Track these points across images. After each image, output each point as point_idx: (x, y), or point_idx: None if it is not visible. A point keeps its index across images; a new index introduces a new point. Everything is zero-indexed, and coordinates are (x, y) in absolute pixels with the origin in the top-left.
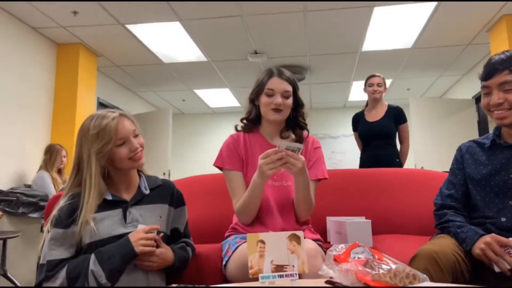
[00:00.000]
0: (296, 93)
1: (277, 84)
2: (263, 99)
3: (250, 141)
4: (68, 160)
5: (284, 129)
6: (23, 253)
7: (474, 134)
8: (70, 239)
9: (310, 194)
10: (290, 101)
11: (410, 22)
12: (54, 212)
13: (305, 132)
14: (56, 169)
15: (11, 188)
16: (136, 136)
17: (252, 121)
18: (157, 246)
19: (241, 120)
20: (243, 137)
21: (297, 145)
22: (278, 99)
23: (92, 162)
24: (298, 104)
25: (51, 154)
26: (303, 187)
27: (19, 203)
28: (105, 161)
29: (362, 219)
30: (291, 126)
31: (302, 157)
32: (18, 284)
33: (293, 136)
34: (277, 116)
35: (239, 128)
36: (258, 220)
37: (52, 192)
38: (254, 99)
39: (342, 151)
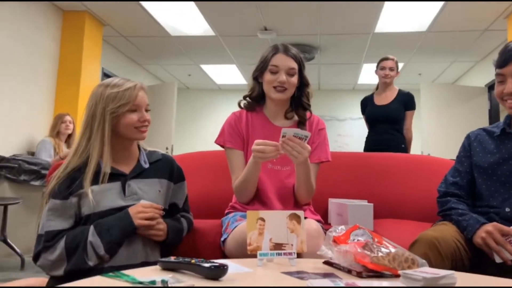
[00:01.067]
0: (302, 71)
1: (282, 60)
2: (267, 76)
3: (252, 120)
4: (76, 128)
5: (289, 110)
6: (24, 220)
7: (485, 123)
8: (68, 210)
9: (311, 179)
10: (295, 79)
11: (427, 4)
12: (53, 182)
13: (307, 113)
14: (60, 135)
15: (13, 155)
16: (147, 110)
17: (255, 99)
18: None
19: (244, 98)
20: (246, 115)
21: (305, 133)
22: (282, 77)
23: (106, 120)
24: (303, 83)
25: (54, 119)
26: (304, 173)
27: (21, 170)
28: (114, 124)
29: (364, 202)
30: (294, 106)
31: (309, 147)
32: (18, 251)
33: (296, 118)
34: (280, 95)
35: (242, 105)
36: (258, 200)
37: (45, 159)
38: (257, 76)
39: (349, 134)
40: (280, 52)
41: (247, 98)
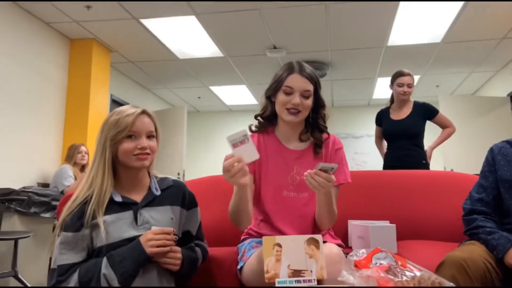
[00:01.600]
0: (318, 92)
1: (297, 81)
2: (280, 97)
3: (264, 142)
4: (89, 159)
5: (303, 132)
6: (34, 254)
7: (509, 134)
8: (80, 242)
9: (333, 206)
10: (309, 101)
11: (440, 14)
12: (64, 214)
13: (324, 135)
14: (78, 165)
15: (23, 187)
16: (150, 137)
17: (267, 119)
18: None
19: (255, 117)
20: (258, 138)
21: (331, 165)
22: (296, 99)
23: (106, 147)
24: (319, 104)
25: (70, 149)
26: (326, 202)
27: (31, 202)
28: (115, 152)
29: (386, 223)
30: (310, 128)
31: (334, 178)
32: (28, 285)
33: (310, 140)
34: (293, 117)
35: (253, 128)
36: (273, 226)
37: (65, 184)
38: (270, 96)
39: (366, 152)
40: (295, 72)
41: (259, 118)
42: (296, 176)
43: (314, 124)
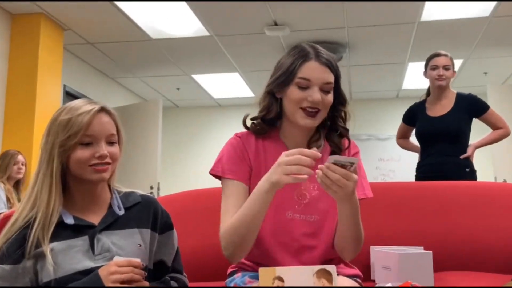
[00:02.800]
0: (339, 84)
1: (315, 71)
2: (294, 92)
3: (264, 148)
4: (28, 172)
5: (315, 136)
6: None
7: None
8: (21, 277)
9: (361, 226)
10: (331, 96)
11: None
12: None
13: (345, 141)
14: (12, 179)
15: None
16: (111, 143)
17: (271, 122)
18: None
19: (253, 120)
20: (255, 141)
21: (350, 159)
22: (316, 95)
23: (54, 156)
24: (339, 100)
25: (2, 159)
26: (353, 219)
27: None
28: (65, 161)
29: (419, 249)
30: (327, 131)
31: (355, 176)
32: None
33: (323, 144)
34: (311, 121)
35: (248, 124)
36: (270, 257)
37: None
38: (275, 91)
39: (394, 158)
40: (312, 59)
41: (258, 121)
42: (305, 192)
43: (332, 126)
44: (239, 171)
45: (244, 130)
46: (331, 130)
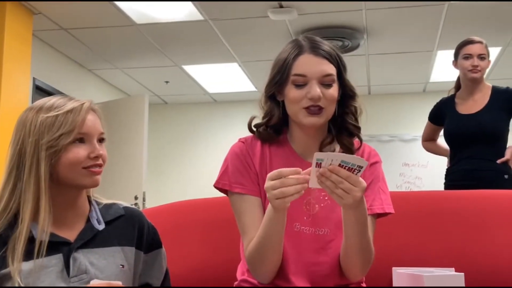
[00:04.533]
0: (343, 76)
1: (310, 65)
2: (290, 91)
3: (271, 153)
4: None
5: (327, 138)
6: None
7: None
8: None
9: (369, 239)
10: (333, 90)
11: None
12: None
13: (356, 141)
14: None
15: None
16: (100, 141)
17: (275, 128)
18: None
19: (257, 128)
20: (261, 146)
21: (359, 160)
22: (315, 90)
23: (41, 159)
24: (346, 94)
25: None
26: (359, 229)
27: None
28: (53, 164)
29: (450, 271)
30: (336, 131)
31: (363, 181)
32: None
33: (337, 148)
34: (315, 119)
35: (254, 129)
36: (281, 276)
37: None
38: (274, 93)
39: (422, 163)
40: (305, 52)
41: (262, 128)
42: (313, 202)
43: (341, 123)
44: (247, 183)
45: (245, 132)
46: (341, 129)
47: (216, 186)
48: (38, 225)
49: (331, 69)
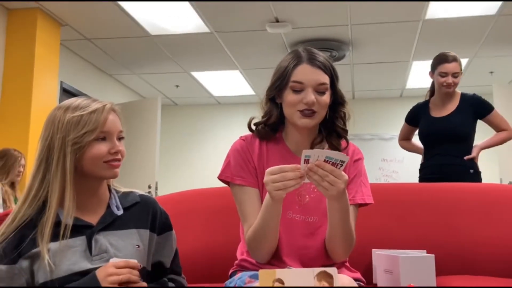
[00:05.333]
0: (335, 85)
1: (307, 73)
2: (288, 96)
3: (268, 152)
4: (25, 172)
5: (317, 138)
6: None
7: None
8: (17, 278)
9: (350, 225)
10: (326, 97)
11: None
12: None
13: (343, 142)
14: (9, 181)
15: None
16: (120, 139)
17: (273, 127)
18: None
19: (257, 126)
20: (259, 144)
21: (341, 156)
22: (310, 96)
23: (67, 153)
24: (337, 101)
25: (6, 160)
26: (341, 216)
27: None
28: (78, 158)
29: (422, 253)
30: (326, 132)
31: (345, 175)
32: None
33: (326, 147)
34: (308, 120)
35: (253, 128)
36: (276, 257)
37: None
38: (274, 96)
39: (398, 159)
40: (304, 62)
41: (261, 126)
42: (304, 193)
43: (331, 126)
44: (247, 176)
45: (245, 130)
46: (330, 131)
47: (220, 178)
48: (64, 211)
49: (325, 79)
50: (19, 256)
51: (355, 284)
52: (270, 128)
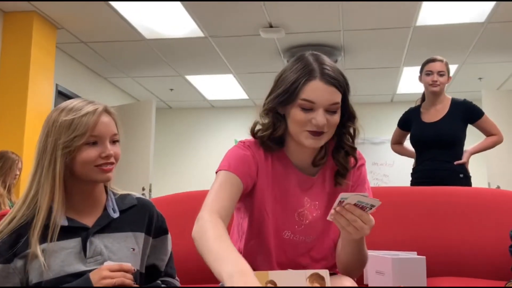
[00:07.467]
0: (347, 100)
1: (320, 92)
2: (296, 113)
3: (273, 165)
4: (21, 176)
5: (320, 155)
6: None
7: None
8: (11, 277)
9: (365, 250)
10: (337, 116)
11: None
12: None
13: (352, 160)
14: (5, 185)
15: None
16: (113, 142)
17: (277, 141)
18: None
19: (261, 139)
20: (264, 156)
21: (374, 201)
22: (321, 118)
23: (57, 157)
24: (347, 116)
25: (3, 163)
26: (357, 249)
27: None
28: (68, 161)
29: (412, 254)
30: (334, 149)
31: (372, 220)
32: None
33: (325, 161)
34: (315, 142)
35: (255, 135)
36: (271, 265)
37: None
38: (276, 107)
39: (389, 163)
40: (316, 78)
41: (266, 138)
42: (307, 213)
43: (339, 143)
44: (243, 172)
45: (238, 134)
46: (338, 148)
47: (219, 170)
48: (53, 213)
49: (338, 97)
50: (14, 255)
51: (356, 285)
52: (275, 142)
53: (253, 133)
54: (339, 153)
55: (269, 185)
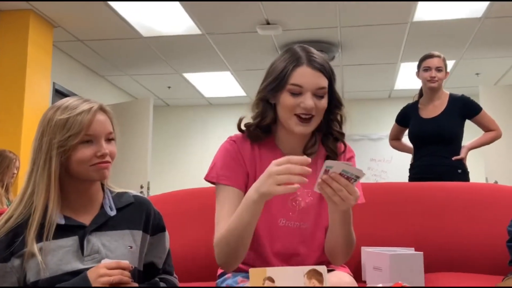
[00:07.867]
0: (333, 87)
1: (307, 77)
2: (285, 98)
3: (260, 154)
4: (18, 174)
5: (310, 142)
6: None
7: None
8: (9, 276)
9: (352, 232)
10: (324, 101)
11: None
12: None
13: (340, 145)
14: (3, 183)
15: None
16: (109, 140)
17: (266, 129)
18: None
19: (249, 128)
20: (251, 146)
21: (358, 171)
22: (309, 101)
23: (52, 156)
24: (333, 103)
25: (0, 162)
26: (344, 224)
27: None
28: (64, 160)
29: (410, 250)
30: (323, 136)
31: (357, 191)
32: None
33: (316, 149)
34: (305, 128)
35: (242, 127)
36: (266, 262)
37: None
38: (268, 97)
39: (387, 159)
40: (303, 64)
41: (253, 128)
42: (300, 199)
43: (327, 129)
44: (233, 177)
45: (236, 133)
46: (327, 134)
47: (206, 178)
48: (47, 212)
49: (325, 82)
50: (12, 254)
51: (355, 284)
52: (263, 130)
53: (239, 127)
54: (328, 140)
55: (259, 175)
